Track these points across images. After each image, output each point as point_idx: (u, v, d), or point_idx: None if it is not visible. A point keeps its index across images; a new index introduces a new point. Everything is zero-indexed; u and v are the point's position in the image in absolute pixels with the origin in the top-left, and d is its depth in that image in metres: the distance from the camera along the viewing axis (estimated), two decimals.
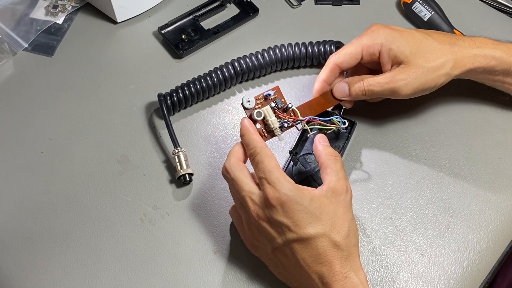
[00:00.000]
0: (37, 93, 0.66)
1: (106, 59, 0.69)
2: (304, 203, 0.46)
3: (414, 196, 0.59)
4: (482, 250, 0.56)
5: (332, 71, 0.58)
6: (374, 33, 0.56)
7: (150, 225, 0.56)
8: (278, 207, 0.46)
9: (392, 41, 0.55)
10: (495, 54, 0.57)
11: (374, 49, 0.56)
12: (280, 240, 0.47)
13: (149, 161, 0.61)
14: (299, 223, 0.46)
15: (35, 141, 0.62)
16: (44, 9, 0.72)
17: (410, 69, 0.55)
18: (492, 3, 0.77)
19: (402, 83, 0.55)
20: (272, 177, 0.47)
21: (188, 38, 0.69)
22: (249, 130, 0.50)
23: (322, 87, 0.58)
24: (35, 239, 0.55)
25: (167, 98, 0.62)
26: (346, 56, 0.57)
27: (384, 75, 0.56)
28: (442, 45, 0.56)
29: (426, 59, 0.55)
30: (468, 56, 0.56)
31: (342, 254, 0.46)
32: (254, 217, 0.48)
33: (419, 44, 0.55)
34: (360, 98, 0.57)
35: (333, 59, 0.57)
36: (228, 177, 0.50)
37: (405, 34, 0.56)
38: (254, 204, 0.48)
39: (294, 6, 0.75)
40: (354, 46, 0.57)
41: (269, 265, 0.51)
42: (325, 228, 0.46)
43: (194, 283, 0.53)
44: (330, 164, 0.50)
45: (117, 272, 0.53)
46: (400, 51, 0.55)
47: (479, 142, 0.63)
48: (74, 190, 0.58)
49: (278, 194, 0.46)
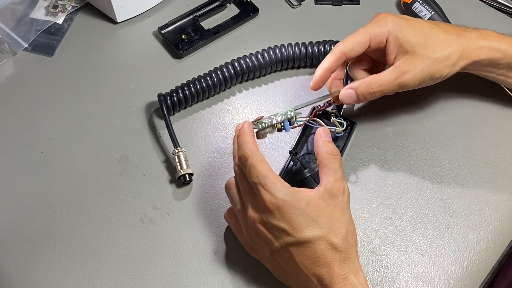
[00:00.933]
0: (37, 93, 0.66)
1: (106, 59, 0.69)
2: (301, 207, 0.46)
3: (414, 196, 0.59)
4: (482, 250, 0.56)
5: (338, 59, 0.56)
6: (382, 21, 0.55)
7: (150, 225, 0.56)
8: (276, 212, 0.46)
9: (399, 30, 0.54)
10: (500, 46, 0.57)
11: (382, 37, 0.55)
12: (278, 244, 0.47)
13: (149, 161, 0.61)
14: (297, 227, 0.46)
15: (35, 141, 0.62)
16: (44, 9, 0.72)
17: (417, 60, 0.54)
18: (492, 3, 0.77)
19: (410, 75, 0.54)
20: (267, 182, 0.46)
21: (188, 38, 0.69)
22: (246, 132, 0.50)
23: (324, 74, 0.57)
24: (35, 239, 0.55)
25: (167, 98, 0.62)
26: (354, 44, 0.55)
27: (391, 71, 0.55)
28: (449, 35, 0.55)
29: (433, 49, 0.54)
30: (474, 47, 0.56)
31: (340, 256, 0.46)
32: (252, 221, 0.47)
33: (426, 34, 0.55)
34: (369, 100, 0.56)
35: (340, 48, 0.56)
36: (246, 164, 0.48)
37: (412, 23, 0.55)
38: (251, 208, 0.47)
39: (294, 6, 0.75)
40: (363, 34, 0.55)
41: (269, 267, 0.51)
42: (322, 231, 0.46)
43: (194, 283, 0.53)
44: (328, 163, 0.49)
45: (117, 272, 0.53)
46: (406, 40, 0.54)
47: (479, 142, 0.63)
48: (74, 190, 0.58)
49: (275, 199, 0.45)
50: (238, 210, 0.50)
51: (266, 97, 0.66)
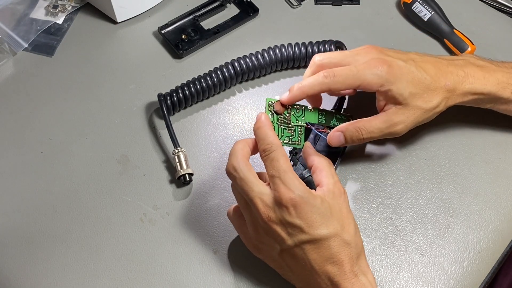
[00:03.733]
0: (37, 93, 0.66)
1: (106, 59, 0.69)
2: (316, 204, 0.46)
3: (414, 196, 0.59)
4: (482, 250, 0.56)
5: (321, 91, 0.54)
6: (377, 71, 0.53)
7: (150, 225, 0.56)
8: (291, 208, 0.46)
9: (392, 82, 0.53)
10: (484, 90, 0.56)
11: (372, 87, 0.53)
12: (291, 242, 0.47)
13: (149, 161, 0.61)
14: (312, 224, 0.46)
15: (35, 141, 0.62)
16: (44, 9, 0.72)
17: (408, 112, 0.54)
18: (492, 3, 0.77)
19: (402, 126, 0.55)
20: (286, 177, 0.46)
21: (188, 38, 0.69)
22: (266, 125, 0.50)
23: (301, 96, 0.54)
24: (35, 239, 0.55)
25: (167, 98, 0.62)
26: (343, 86, 0.53)
27: (382, 120, 0.54)
28: (436, 82, 0.54)
29: (423, 100, 0.54)
30: (458, 93, 0.56)
31: (353, 253, 0.47)
32: (264, 219, 0.47)
33: (416, 83, 0.54)
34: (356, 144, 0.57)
35: (328, 83, 0.53)
36: (236, 177, 0.48)
37: (405, 72, 0.53)
38: (264, 205, 0.47)
39: (294, 6, 0.75)
40: (354, 78, 0.52)
41: (274, 265, 0.51)
42: (336, 228, 0.47)
43: (194, 283, 0.53)
44: (325, 167, 0.50)
45: (117, 272, 0.53)
46: (399, 93, 0.53)
47: (479, 142, 0.63)
48: (74, 190, 0.58)
49: (293, 195, 0.46)
50: (245, 207, 0.50)
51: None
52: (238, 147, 0.50)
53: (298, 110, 0.55)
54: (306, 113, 0.56)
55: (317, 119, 0.56)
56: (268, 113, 0.53)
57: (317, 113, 0.56)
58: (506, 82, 0.57)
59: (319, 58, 0.55)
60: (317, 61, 0.55)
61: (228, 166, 0.49)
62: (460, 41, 0.69)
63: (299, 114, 0.55)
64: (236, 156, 0.49)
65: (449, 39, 0.70)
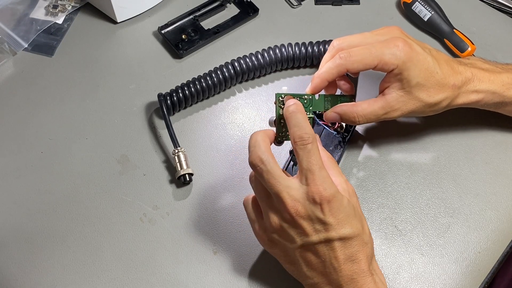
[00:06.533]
0: (37, 93, 0.66)
1: (106, 59, 0.69)
2: (344, 203, 0.46)
3: (414, 196, 0.59)
4: (482, 250, 0.56)
5: (339, 73, 0.54)
6: (395, 48, 0.52)
7: (150, 225, 0.56)
8: (325, 205, 0.45)
9: (407, 67, 0.52)
10: (489, 90, 0.57)
11: (388, 67, 0.53)
12: (316, 238, 0.46)
13: (149, 161, 0.61)
14: (340, 222, 0.46)
15: (35, 141, 0.62)
16: (44, 9, 0.72)
17: (409, 101, 0.54)
18: (492, 3, 0.77)
19: (398, 113, 0.54)
20: (321, 174, 0.46)
21: (188, 38, 0.69)
22: (302, 111, 0.48)
23: (322, 84, 0.55)
24: (35, 239, 0.55)
25: (167, 98, 0.62)
26: (361, 66, 0.53)
27: (380, 105, 0.54)
28: (446, 79, 0.54)
29: (428, 94, 0.54)
30: (464, 93, 0.56)
31: (369, 253, 0.48)
32: (292, 213, 0.46)
33: (428, 74, 0.53)
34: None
35: (345, 65, 0.53)
36: (263, 169, 0.46)
37: (421, 58, 0.53)
38: (292, 199, 0.46)
39: (294, 6, 0.75)
40: (371, 56, 0.52)
41: (284, 261, 0.50)
42: (358, 227, 0.47)
43: (194, 283, 0.53)
44: (333, 166, 0.50)
45: (117, 272, 0.53)
46: (407, 80, 0.53)
47: (479, 142, 0.63)
48: (74, 190, 0.58)
49: (327, 193, 0.45)
50: (266, 199, 0.48)
51: (266, 97, 0.66)
52: (260, 138, 0.48)
53: (306, 100, 0.55)
54: (314, 102, 0.55)
55: (324, 106, 0.56)
56: (278, 109, 0.52)
57: (323, 100, 0.56)
58: (511, 83, 0.57)
59: (338, 42, 0.55)
60: (336, 45, 0.55)
61: (254, 158, 0.47)
62: (460, 41, 0.69)
63: (307, 104, 0.55)
64: (260, 148, 0.47)
65: (449, 39, 0.70)
